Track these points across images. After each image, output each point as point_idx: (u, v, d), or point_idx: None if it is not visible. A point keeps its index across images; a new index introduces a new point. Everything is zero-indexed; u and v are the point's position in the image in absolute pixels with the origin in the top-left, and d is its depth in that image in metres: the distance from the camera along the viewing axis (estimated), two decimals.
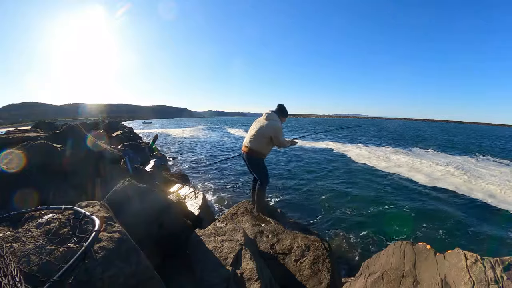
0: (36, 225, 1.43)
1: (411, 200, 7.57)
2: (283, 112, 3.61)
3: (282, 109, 3.62)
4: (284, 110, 3.63)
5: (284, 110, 3.64)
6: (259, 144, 3.35)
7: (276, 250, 2.97)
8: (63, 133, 5.75)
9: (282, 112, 3.61)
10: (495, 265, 1.68)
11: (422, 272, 2.02)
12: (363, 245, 5.05)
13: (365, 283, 2.23)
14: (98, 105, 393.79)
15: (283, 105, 3.64)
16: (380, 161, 13.59)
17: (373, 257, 2.57)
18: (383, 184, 9.33)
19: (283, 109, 3.62)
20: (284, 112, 3.63)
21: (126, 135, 15.14)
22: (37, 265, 1.17)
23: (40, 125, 13.43)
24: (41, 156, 4.10)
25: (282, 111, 3.61)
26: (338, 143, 21.34)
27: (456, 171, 11.08)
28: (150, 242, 2.40)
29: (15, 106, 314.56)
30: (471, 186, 8.90)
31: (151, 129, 47.62)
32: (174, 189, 5.69)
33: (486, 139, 32.03)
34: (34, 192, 3.55)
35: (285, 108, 3.65)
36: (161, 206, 2.73)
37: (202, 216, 4.25)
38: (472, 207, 7.11)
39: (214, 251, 2.57)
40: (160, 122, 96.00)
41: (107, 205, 1.95)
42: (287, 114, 3.67)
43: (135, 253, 1.57)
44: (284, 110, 3.64)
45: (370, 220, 6.11)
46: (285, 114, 3.64)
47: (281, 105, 3.62)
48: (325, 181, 9.58)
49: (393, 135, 33.04)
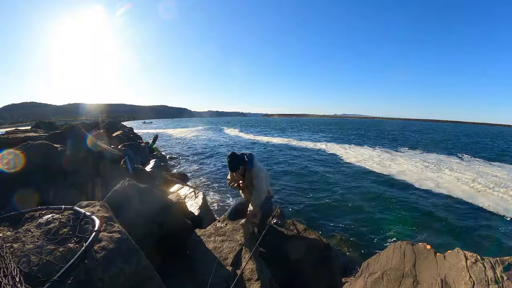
0: (36, 225, 1.43)
1: (411, 200, 7.57)
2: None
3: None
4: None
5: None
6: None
7: (276, 250, 2.97)
8: (63, 133, 5.76)
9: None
10: (495, 265, 1.68)
11: (422, 272, 2.02)
12: (363, 245, 5.05)
13: (365, 283, 2.23)
14: (98, 105, 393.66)
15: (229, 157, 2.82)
16: (379, 162, 13.60)
17: (373, 257, 2.57)
18: (383, 184, 9.33)
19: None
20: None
21: (126, 135, 15.13)
22: (37, 265, 1.17)
23: (40, 125, 13.43)
24: (41, 156, 4.10)
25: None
26: (336, 144, 21.36)
27: (456, 172, 11.09)
28: (150, 242, 2.40)
29: (15, 106, 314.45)
30: (471, 186, 8.90)
31: (151, 129, 47.64)
32: (174, 189, 5.68)
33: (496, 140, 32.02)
34: (34, 192, 3.55)
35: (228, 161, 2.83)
36: (161, 206, 2.73)
37: (202, 216, 4.24)
38: (472, 207, 7.11)
39: (214, 251, 2.57)
40: (160, 122, 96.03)
41: (107, 205, 1.96)
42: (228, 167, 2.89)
43: (135, 253, 1.57)
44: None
45: (370, 220, 6.11)
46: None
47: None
48: (324, 181, 9.58)
49: (393, 136, 33.06)
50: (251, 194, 2.93)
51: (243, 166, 2.80)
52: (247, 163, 2.80)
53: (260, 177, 2.79)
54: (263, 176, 2.82)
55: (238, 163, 2.76)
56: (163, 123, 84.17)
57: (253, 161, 2.83)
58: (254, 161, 2.84)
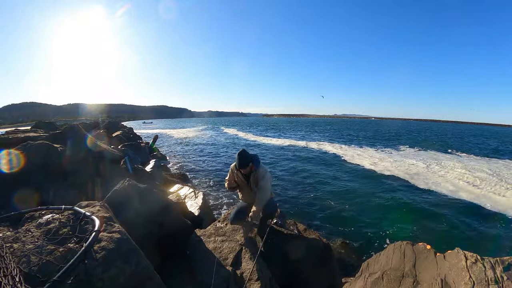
0: (36, 225, 1.43)
1: (410, 200, 7.56)
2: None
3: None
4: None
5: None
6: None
7: (276, 250, 2.97)
8: (63, 133, 5.76)
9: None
10: (495, 265, 1.68)
11: (422, 272, 2.02)
12: (363, 245, 5.05)
13: (365, 283, 2.22)
14: (98, 105, 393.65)
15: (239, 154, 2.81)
16: (379, 161, 13.60)
17: (373, 257, 2.56)
18: (383, 184, 9.33)
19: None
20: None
21: (126, 135, 15.12)
22: (37, 265, 1.17)
23: (40, 125, 13.42)
24: (41, 156, 4.10)
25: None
26: (336, 144, 21.38)
27: (456, 172, 11.08)
28: (150, 242, 2.40)
29: (15, 106, 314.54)
30: (471, 186, 8.90)
31: (151, 129, 47.64)
32: (174, 189, 5.68)
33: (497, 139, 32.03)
34: (34, 192, 3.55)
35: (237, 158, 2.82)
36: (161, 206, 2.73)
37: (202, 216, 4.24)
38: (472, 207, 7.11)
39: (214, 251, 2.58)
40: (160, 122, 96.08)
41: (107, 205, 1.96)
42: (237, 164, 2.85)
43: (135, 253, 1.57)
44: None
45: (370, 220, 6.11)
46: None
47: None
48: (324, 181, 9.58)
49: (393, 135, 33.07)
50: (251, 195, 2.92)
51: (251, 164, 2.80)
52: (254, 161, 2.81)
53: (267, 177, 2.81)
54: (269, 176, 2.85)
55: (248, 160, 2.76)
56: (163, 123, 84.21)
57: (259, 161, 2.86)
58: (260, 161, 2.87)
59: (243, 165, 2.75)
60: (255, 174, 2.83)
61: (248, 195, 3.01)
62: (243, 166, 2.76)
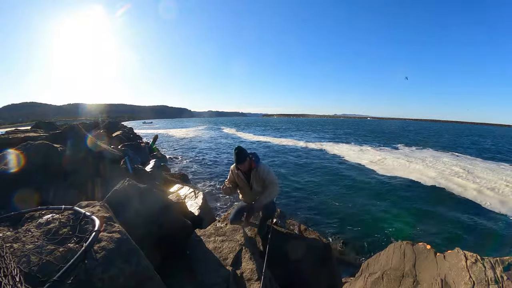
0: (36, 225, 1.43)
1: (410, 200, 7.57)
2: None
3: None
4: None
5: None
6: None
7: (276, 250, 2.97)
8: (63, 133, 5.75)
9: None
10: (495, 265, 1.68)
11: (422, 272, 2.02)
12: (363, 245, 5.05)
13: (365, 283, 2.23)
14: (98, 105, 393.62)
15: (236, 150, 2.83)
16: (379, 161, 13.60)
17: (373, 257, 2.57)
18: (383, 184, 9.33)
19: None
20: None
21: (126, 135, 15.13)
22: (37, 265, 1.17)
23: (40, 125, 13.42)
24: (41, 156, 4.10)
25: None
26: (336, 144, 21.38)
27: (456, 172, 11.08)
28: (150, 242, 2.40)
29: (15, 106, 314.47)
30: (472, 185, 8.90)
31: (151, 129, 47.65)
32: (174, 189, 5.68)
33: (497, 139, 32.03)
34: (34, 192, 3.54)
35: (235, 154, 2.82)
36: (161, 206, 2.73)
37: (202, 216, 4.24)
38: (472, 207, 7.11)
39: (214, 251, 2.57)
40: (160, 122, 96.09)
41: (107, 205, 1.96)
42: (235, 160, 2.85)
43: (135, 253, 1.57)
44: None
45: (370, 220, 6.11)
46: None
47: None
48: (324, 181, 9.58)
49: (393, 135, 33.07)
50: (251, 195, 2.91)
51: (249, 159, 2.79)
52: (253, 158, 2.81)
53: (271, 172, 2.84)
54: (273, 172, 2.88)
55: (245, 155, 2.76)
56: (163, 123, 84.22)
57: (259, 159, 2.87)
58: (259, 158, 2.88)
59: (241, 160, 2.74)
60: (256, 172, 2.82)
61: (248, 195, 3.00)
62: (240, 161, 2.74)
